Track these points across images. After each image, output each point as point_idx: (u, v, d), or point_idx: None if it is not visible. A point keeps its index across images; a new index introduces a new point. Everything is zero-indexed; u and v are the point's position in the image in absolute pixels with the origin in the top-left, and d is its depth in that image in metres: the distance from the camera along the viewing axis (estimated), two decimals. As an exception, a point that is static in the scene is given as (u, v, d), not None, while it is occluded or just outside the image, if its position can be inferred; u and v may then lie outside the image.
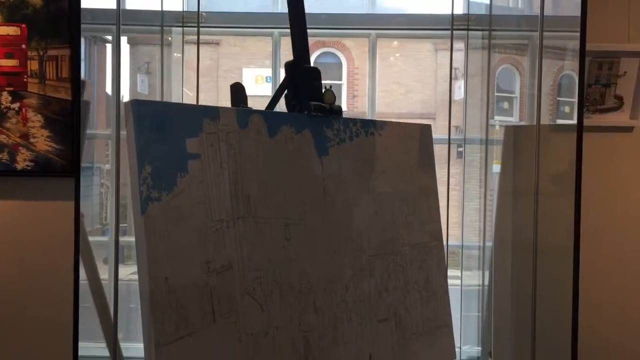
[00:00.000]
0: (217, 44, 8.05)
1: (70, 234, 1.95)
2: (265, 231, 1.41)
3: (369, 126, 1.70)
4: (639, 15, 1.97)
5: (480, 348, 2.07)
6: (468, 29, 2.02)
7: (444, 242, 1.93)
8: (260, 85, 9.57)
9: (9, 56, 1.99)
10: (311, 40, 1.64)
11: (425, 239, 1.83)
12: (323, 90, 1.60)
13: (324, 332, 1.50)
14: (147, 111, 1.23)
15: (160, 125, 1.24)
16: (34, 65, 1.99)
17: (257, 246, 1.38)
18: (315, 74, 1.60)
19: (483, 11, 2.00)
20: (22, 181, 2.02)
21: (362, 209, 1.66)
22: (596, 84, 1.97)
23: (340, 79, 9.92)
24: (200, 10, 1.99)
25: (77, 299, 1.87)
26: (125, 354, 2.12)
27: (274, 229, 1.43)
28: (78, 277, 1.91)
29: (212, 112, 1.34)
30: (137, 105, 1.22)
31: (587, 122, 2.01)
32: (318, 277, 1.51)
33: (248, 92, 1.54)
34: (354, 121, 1.66)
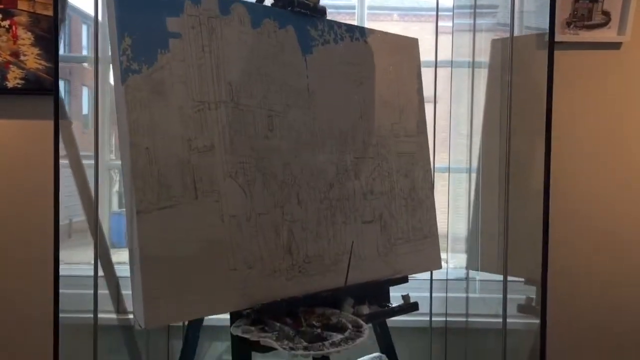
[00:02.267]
0: None
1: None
2: (248, 119, 1.42)
3: (354, 31, 1.71)
4: None
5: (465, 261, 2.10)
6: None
7: (431, 157, 1.95)
8: None
9: (-3, -26, 2.00)
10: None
11: (411, 149, 1.85)
12: (307, -10, 1.61)
13: (308, 225, 1.52)
14: (128, -15, 1.24)
15: (141, 1, 1.25)
16: (23, -17, 2.00)
17: (239, 132, 1.39)
18: (300, -27, 1.61)
19: None
20: (12, 99, 2.03)
21: (347, 111, 1.67)
22: (583, 0, 1.97)
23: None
24: None
25: (58, 217, 1.84)
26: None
27: (257, 118, 1.44)
28: (58, 199, 1.87)
29: (194, -5, 1.35)
30: (117, -23, 1.23)
31: (575, 38, 2.02)
32: (301, 171, 1.52)
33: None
34: (338, 24, 1.67)
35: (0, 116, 2.05)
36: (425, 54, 1.96)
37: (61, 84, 2.10)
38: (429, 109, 1.98)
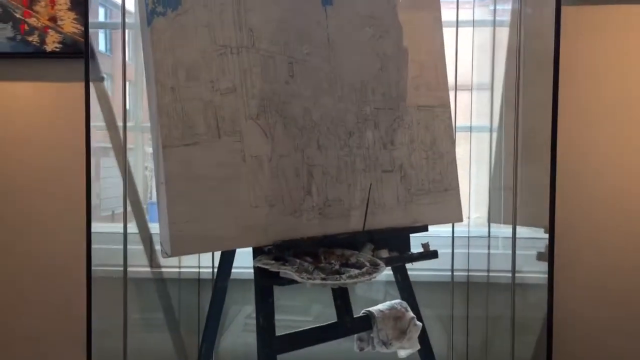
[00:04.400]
0: None
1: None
2: (269, 64, 1.48)
3: (374, -16, 1.75)
4: None
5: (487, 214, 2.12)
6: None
7: (453, 113, 1.97)
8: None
9: (36, -58, 2.10)
10: None
11: (431, 103, 1.88)
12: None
13: (328, 169, 1.57)
14: None
15: (166, -51, 1.32)
16: (60, -51, 2.10)
17: (260, 76, 1.45)
18: None
19: None
20: (51, 63, 2.14)
21: (367, 62, 1.71)
22: (608, -48, 1.96)
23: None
24: None
25: (90, 174, 1.92)
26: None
27: (277, 63, 1.50)
28: (89, 161, 1.93)
29: (216, -56, 1.41)
30: None
31: (598, -8, 2.01)
32: (322, 117, 1.57)
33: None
34: (359, -22, 1.71)
35: (40, 79, 2.16)
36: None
37: (102, 44, 2.20)
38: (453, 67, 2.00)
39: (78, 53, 2.11)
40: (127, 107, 1.97)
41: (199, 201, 1.31)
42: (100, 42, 2.27)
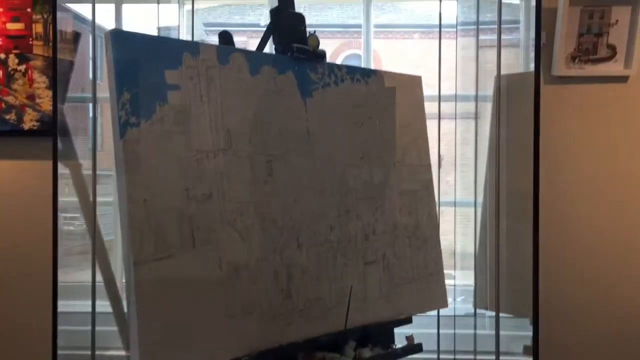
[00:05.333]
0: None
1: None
2: (247, 165, 1.45)
3: (355, 72, 1.73)
4: (631, -37, 1.96)
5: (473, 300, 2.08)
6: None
7: (436, 196, 1.95)
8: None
9: (15, 20, 2.07)
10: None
11: (414, 187, 1.85)
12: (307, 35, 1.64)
13: (308, 268, 1.53)
14: (127, 41, 1.28)
15: (140, 55, 1.29)
16: (38, 28, 2.07)
17: (238, 179, 1.42)
18: (300, 19, 1.64)
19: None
20: (29, 141, 2.10)
21: (348, 152, 1.69)
22: (588, 34, 1.96)
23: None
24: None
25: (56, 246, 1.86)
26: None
27: (256, 164, 1.47)
28: (56, 236, 1.89)
29: (193, 46, 1.39)
30: (117, 34, 1.27)
31: (580, 72, 2.01)
32: (301, 215, 1.54)
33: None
34: (339, 67, 1.70)
35: (17, 157, 2.11)
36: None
37: (72, 123, 2.16)
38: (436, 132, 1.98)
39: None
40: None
41: (172, 320, 1.26)
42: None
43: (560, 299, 2.02)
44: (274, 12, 1.63)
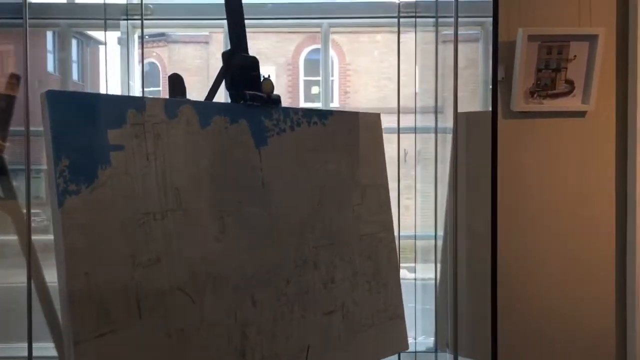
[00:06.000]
0: (207, 42, 8.03)
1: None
2: (197, 224, 1.38)
3: (311, 116, 1.68)
4: (588, -2, 1.95)
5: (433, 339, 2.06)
6: (416, 17, 2.00)
7: (396, 234, 1.91)
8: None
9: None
10: (281, 35, 1.61)
11: (374, 229, 1.81)
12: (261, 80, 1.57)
13: (263, 327, 1.47)
14: (65, 102, 1.20)
15: (80, 116, 1.21)
16: (-25, 61, 1.96)
17: (188, 239, 1.35)
18: (253, 63, 1.57)
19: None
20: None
21: (305, 199, 1.63)
22: (546, 69, 1.95)
23: (332, 75, 9.97)
24: (146, 2, 1.95)
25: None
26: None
27: (207, 221, 1.40)
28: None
29: (138, 102, 1.31)
30: (53, 95, 1.18)
31: (539, 107, 2.00)
32: (256, 270, 1.48)
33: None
34: (295, 110, 1.64)
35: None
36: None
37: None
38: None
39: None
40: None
41: (117, 400, 1.19)
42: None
43: (520, 340, 2.02)
44: (226, 56, 1.56)
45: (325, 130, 1.71)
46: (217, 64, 1.58)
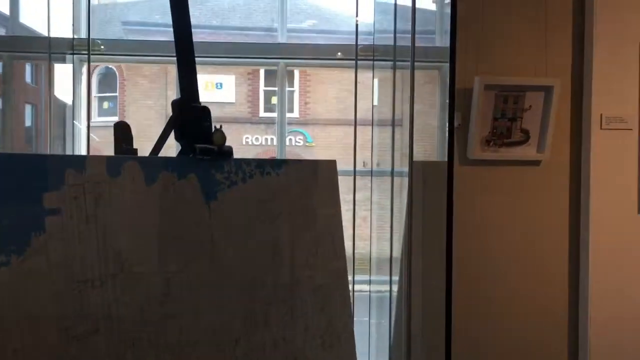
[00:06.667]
0: (166, 48, 7.96)
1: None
2: (140, 288, 1.31)
3: (264, 166, 1.62)
4: (544, 49, 1.96)
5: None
6: (374, 59, 1.98)
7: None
8: (211, 91, 9.47)
9: None
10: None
11: (328, 280, 1.76)
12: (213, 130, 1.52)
13: (210, 391, 1.41)
14: (-5, 165, 1.12)
15: (12, 180, 1.13)
16: None
17: (130, 306, 1.28)
18: (205, 113, 1.52)
19: (391, 42, 1.96)
20: None
21: (257, 254, 1.57)
22: (502, 118, 1.95)
23: (292, 86, 9.96)
24: (93, 38, 1.88)
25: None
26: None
27: (151, 284, 1.33)
28: None
29: (77, 161, 1.24)
30: (-18, 159, 1.10)
31: (494, 155, 2.00)
32: (203, 333, 1.41)
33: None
34: (247, 161, 1.58)
35: None
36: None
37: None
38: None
39: None
40: None
41: None
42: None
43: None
44: (175, 105, 1.50)
45: (279, 180, 1.66)
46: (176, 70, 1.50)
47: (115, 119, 9.27)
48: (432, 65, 2.10)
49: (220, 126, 1.53)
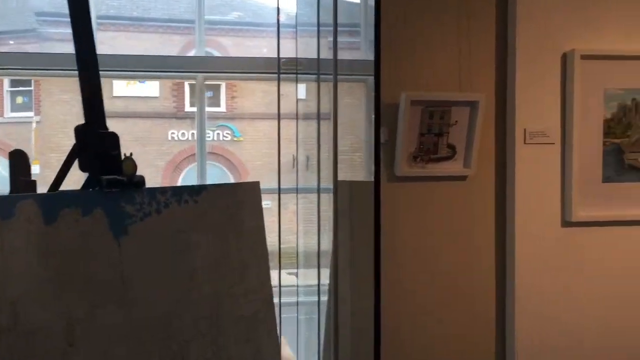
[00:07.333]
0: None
1: None
2: (39, 341, 1.18)
3: (181, 194, 1.51)
4: (469, 64, 1.94)
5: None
6: (297, 73, 1.91)
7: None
8: (133, 86, 9.10)
9: None
10: (164, 35, 1.42)
11: (253, 309, 1.68)
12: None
13: None
14: None
15: None
16: None
17: (26, 362, 1.15)
18: (112, 140, 1.39)
19: (314, 55, 1.89)
20: None
21: (173, 288, 1.47)
22: (429, 133, 1.92)
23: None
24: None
25: None
26: None
27: (52, 335, 1.20)
28: None
29: (-40, 205, 1.09)
30: None
31: (422, 171, 1.97)
32: (114, 381, 1.30)
33: (119, 93, 1.32)
34: (163, 190, 1.47)
35: None
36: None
37: None
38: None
39: None
40: None
41: None
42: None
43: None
44: (79, 131, 1.37)
45: (198, 208, 1.55)
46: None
47: (31, 114, 8.77)
48: (358, 78, 2.04)
49: (131, 154, 1.41)
